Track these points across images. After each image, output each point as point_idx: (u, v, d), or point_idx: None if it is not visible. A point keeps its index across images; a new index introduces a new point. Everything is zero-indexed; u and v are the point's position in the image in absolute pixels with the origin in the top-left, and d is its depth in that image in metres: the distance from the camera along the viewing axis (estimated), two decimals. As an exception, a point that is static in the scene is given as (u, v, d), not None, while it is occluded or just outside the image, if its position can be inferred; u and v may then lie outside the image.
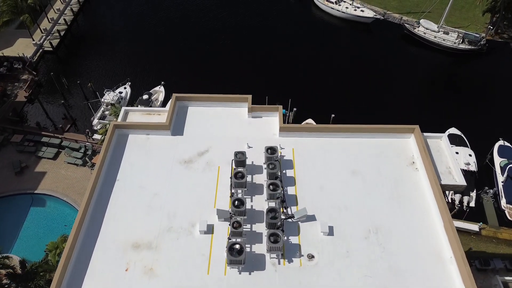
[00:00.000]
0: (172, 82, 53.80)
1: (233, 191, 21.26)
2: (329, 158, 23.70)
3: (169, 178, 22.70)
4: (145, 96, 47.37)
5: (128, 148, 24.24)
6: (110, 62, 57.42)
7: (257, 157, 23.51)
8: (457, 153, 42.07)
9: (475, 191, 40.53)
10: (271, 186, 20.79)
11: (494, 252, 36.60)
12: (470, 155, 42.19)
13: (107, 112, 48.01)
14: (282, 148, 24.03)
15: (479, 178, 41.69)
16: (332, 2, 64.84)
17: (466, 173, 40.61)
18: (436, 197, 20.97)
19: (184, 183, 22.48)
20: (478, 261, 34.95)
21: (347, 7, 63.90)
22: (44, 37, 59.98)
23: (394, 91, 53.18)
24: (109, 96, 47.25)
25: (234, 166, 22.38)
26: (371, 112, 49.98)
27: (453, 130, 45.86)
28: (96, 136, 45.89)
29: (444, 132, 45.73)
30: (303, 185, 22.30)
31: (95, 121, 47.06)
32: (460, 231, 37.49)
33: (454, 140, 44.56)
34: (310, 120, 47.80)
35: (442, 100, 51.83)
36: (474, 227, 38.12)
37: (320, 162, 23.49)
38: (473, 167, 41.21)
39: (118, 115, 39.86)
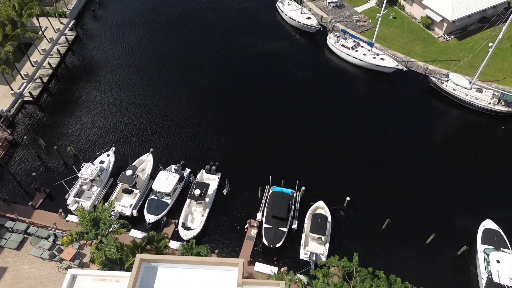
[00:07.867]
0: (163, 148, 47.17)
1: None
2: None
3: None
4: (129, 172, 40.58)
5: None
6: (95, 119, 50.41)
7: None
8: (498, 261, 34.77)
9: (521, 311, 33.17)
10: None
11: None
12: (514, 265, 34.76)
13: (84, 187, 41.57)
14: None
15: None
16: (348, 48, 57.52)
17: (510, 290, 33.37)
18: None
19: None
20: None
21: (365, 54, 56.53)
22: (25, 84, 53.61)
23: (418, 162, 45.80)
24: (87, 171, 40.59)
25: None
26: (393, 193, 42.65)
27: (488, 224, 38.95)
28: (70, 218, 39.58)
29: (478, 224, 39.03)
30: None
31: (70, 199, 40.64)
32: None
33: (492, 239, 37.76)
34: (321, 203, 40.89)
35: (473, 176, 44.28)
36: None
37: None
38: (519, 282, 33.80)
39: (85, 222, 32.03)
